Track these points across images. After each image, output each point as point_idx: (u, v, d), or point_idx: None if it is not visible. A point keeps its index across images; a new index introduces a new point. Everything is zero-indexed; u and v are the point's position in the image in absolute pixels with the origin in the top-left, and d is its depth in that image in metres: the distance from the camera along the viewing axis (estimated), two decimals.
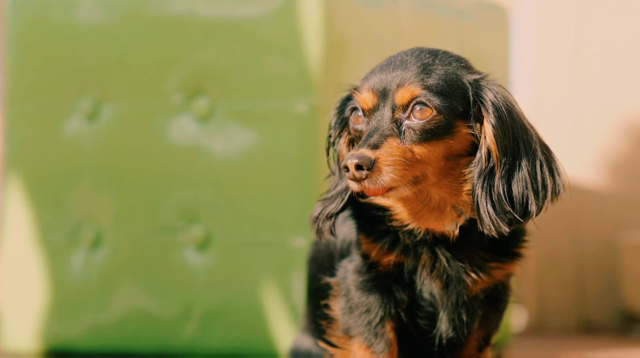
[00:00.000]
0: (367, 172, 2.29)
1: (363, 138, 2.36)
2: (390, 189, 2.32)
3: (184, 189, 3.89)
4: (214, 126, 3.85)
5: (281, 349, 3.70)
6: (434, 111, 2.34)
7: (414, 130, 2.34)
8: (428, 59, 2.43)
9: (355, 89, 2.47)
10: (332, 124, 2.57)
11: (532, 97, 5.45)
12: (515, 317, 5.26)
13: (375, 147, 2.31)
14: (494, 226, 2.33)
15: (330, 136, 2.58)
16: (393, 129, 2.35)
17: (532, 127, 2.41)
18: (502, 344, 4.19)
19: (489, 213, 2.33)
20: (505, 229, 2.33)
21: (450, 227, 2.44)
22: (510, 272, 2.59)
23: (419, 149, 2.33)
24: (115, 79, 4.01)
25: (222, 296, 3.85)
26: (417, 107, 2.35)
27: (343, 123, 2.53)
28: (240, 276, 3.83)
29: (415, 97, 2.35)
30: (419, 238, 2.48)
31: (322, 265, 2.75)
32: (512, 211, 2.32)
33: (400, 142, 2.33)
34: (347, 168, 2.30)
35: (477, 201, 2.34)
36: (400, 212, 2.47)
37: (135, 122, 3.96)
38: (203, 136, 3.87)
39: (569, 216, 5.30)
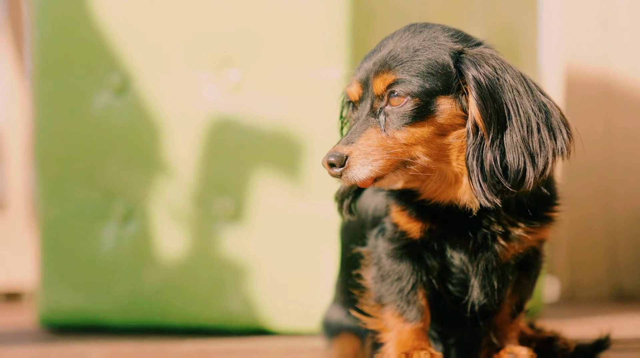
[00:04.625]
0: (341, 169, 2.33)
1: (346, 132, 2.42)
2: (377, 178, 2.35)
3: (214, 162, 3.90)
4: (244, 98, 3.85)
5: (313, 321, 3.70)
6: (408, 96, 2.36)
7: (392, 117, 2.37)
8: (408, 41, 2.43)
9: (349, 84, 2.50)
10: (341, 112, 2.61)
11: (561, 67, 5.42)
12: (548, 287, 5.24)
13: (350, 142, 2.35)
14: (485, 197, 2.33)
15: (342, 120, 2.62)
16: (373, 119, 2.38)
17: (528, 87, 2.38)
18: (535, 313, 4.18)
19: (480, 184, 2.33)
20: (497, 200, 2.33)
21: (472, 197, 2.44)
22: (542, 238, 2.58)
23: (401, 134, 2.36)
24: (143, 54, 4.01)
25: (253, 268, 3.85)
26: (392, 95, 2.37)
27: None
28: (271, 248, 3.83)
29: (389, 86, 2.38)
30: (443, 208, 2.48)
31: (354, 234, 2.76)
32: (502, 182, 2.32)
33: (381, 131, 2.36)
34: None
35: (470, 173, 2.35)
36: (421, 192, 2.48)
37: (164, 96, 3.97)
38: (233, 108, 3.87)
39: (601, 186, 5.27)
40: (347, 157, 2.33)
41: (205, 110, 3.90)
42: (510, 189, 2.32)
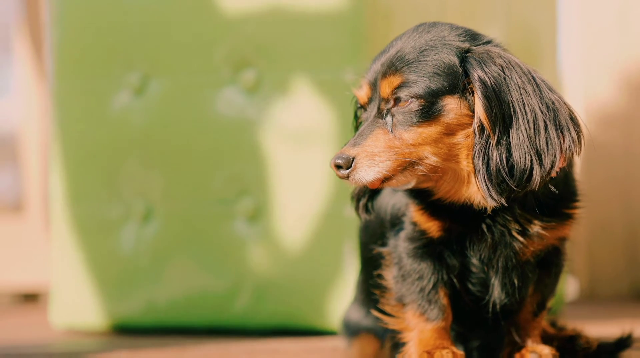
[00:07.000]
0: (348, 171, 2.36)
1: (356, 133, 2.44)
2: (385, 179, 2.36)
3: (233, 162, 3.90)
4: (262, 98, 3.85)
5: (333, 322, 3.70)
6: (414, 97, 2.36)
7: (399, 118, 2.38)
8: (415, 41, 2.44)
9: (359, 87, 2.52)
10: (355, 113, 2.63)
11: (580, 63, 5.40)
12: (567, 286, 5.23)
13: (357, 144, 2.38)
14: (491, 196, 2.33)
15: (355, 121, 2.63)
16: (380, 120, 2.40)
17: (536, 85, 2.37)
18: (556, 312, 4.17)
19: (486, 183, 2.33)
20: (502, 200, 2.33)
21: None
22: (562, 235, 2.58)
23: (409, 135, 2.37)
24: (162, 53, 4.01)
25: (273, 268, 3.85)
26: (398, 96, 2.38)
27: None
28: (291, 247, 3.83)
29: (395, 87, 2.39)
30: (459, 207, 2.48)
31: (373, 233, 2.76)
32: (507, 181, 2.31)
33: (388, 132, 2.38)
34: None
35: (476, 172, 2.35)
36: (435, 192, 2.48)
37: (183, 96, 3.97)
38: (251, 108, 3.87)
39: (620, 183, 5.26)
40: (353, 159, 2.34)
41: (224, 110, 3.91)
42: (516, 189, 2.32)
